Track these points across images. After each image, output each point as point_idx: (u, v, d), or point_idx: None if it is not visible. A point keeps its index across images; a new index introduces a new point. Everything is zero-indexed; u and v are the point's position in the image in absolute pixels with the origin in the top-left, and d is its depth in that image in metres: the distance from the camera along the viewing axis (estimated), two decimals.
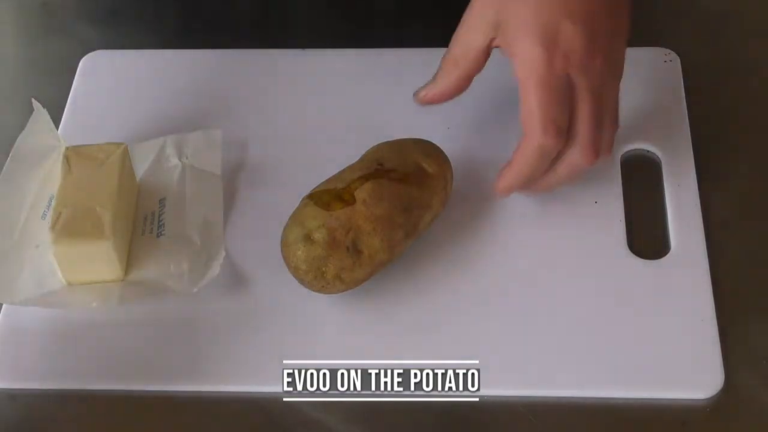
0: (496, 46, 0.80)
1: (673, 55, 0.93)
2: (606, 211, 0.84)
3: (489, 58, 0.80)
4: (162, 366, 0.78)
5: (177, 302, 0.80)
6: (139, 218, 0.84)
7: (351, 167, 0.80)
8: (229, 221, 0.85)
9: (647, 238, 0.83)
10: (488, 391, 0.76)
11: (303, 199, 0.79)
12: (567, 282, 0.80)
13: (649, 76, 0.92)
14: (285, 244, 0.78)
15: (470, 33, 0.80)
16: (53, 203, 0.80)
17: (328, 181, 0.80)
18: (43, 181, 0.85)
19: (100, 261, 0.79)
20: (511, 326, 0.78)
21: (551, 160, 0.79)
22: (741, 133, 0.90)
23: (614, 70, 0.80)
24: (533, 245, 0.83)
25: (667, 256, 0.81)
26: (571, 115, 0.78)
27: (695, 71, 0.92)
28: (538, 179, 0.80)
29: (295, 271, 0.78)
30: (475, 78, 0.81)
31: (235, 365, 0.78)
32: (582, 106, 0.78)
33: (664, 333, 0.78)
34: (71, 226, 0.79)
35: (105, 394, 0.77)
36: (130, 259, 0.82)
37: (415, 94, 0.83)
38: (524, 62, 0.77)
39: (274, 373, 0.77)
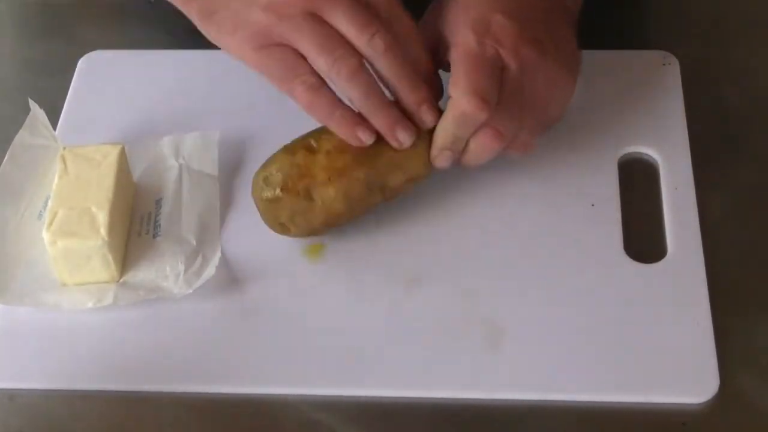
0: (442, 63, 0.81)
1: (672, 58, 0.93)
2: (603, 214, 0.84)
3: None
4: (159, 367, 0.78)
5: (173, 303, 0.80)
6: (135, 219, 0.84)
7: None
8: (226, 222, 0.85)
9: (644, 241, 0.83)
10: (487, 395, 0.76)
11: (281, 147, 0.81)
12: (564, 286, 0.80)
13: (648, 79, 0.92)
14: (252, 187, 0.81)
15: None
16: (49, 203, 0.80)
17: (311, 132, 0.81)
18: (40, 181, 0.85)
19: (95, 261, 0.79)
20: (509, 330, 0.78)
21: (473, 128, 0.79)
22: (739, 136, 0.90)
23: (549, 75, 0.80)
24: (530, 248, 0.82)
25: (664, 259, 0.81)
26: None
27: (694, 74, 0.92)
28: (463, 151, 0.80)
29: (258, 210, 0.80)
30: None
31: (232, 366, 0.78)
32: (503, 87, 0.78)
33: (660, 337, 0.77)
34: (67, 226, 0.79)
35: (102, 395, 0.77)
36: (126, 259, 0.82)
37: None
38: (457, 46, 0.78)
39: (273, 373, 0.77)
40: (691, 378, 0.76)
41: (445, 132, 0.79)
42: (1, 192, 0.85)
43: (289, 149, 0.80)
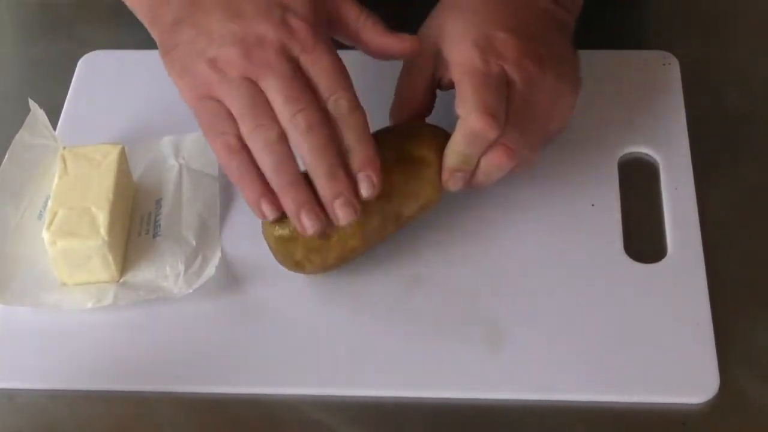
0: (440, 81, 0.81)
1: (672, 59, 0.93)
2: (603, 215, 0.84)
3: None
4: (159, 367, 0.78)
5: (173, 303, 0.80)
6: (135, 219, 0.84)
7: None
8: (225, 222, 0.85)
9: (644, 241, 0.83)
10: (487, 395, 0.76)
11: None
12: (564, 286, 0.80)
13: (648, 79, 0.92)
14: (263, 224, 0.79)
15: (411, 74, 0.82)
16: (49, 203, 0.80)
17: None
18: (40, 181, 0.85)
19: (95, 261, 0.79)
20: (509, 330, 0.78)
21: (483, 147, 0.78)
22: (739, 136, 0.90)
23: (552, 89, 0.80)
24: (529, 248, 0.83)
25: (664, 259, 0.81)
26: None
27: (694, 74, 0.92)
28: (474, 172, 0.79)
29: (270, 249, 0.79)
30: None
31: (232, 366, 0.78)
32: (510, 104, 0.78)
33: (660, 337, 0.77)
34: (67, 226, 0.79)
35: (102, 395, 0.77)
36: (126, 259, 0.82)
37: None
38: (461, 63, 0.78)
39: (273, 373, 0.77)
40: (691, 378, 0.76)
41: (455, 153, 0.78)
42: (1, 192, 0.85)
43: None
